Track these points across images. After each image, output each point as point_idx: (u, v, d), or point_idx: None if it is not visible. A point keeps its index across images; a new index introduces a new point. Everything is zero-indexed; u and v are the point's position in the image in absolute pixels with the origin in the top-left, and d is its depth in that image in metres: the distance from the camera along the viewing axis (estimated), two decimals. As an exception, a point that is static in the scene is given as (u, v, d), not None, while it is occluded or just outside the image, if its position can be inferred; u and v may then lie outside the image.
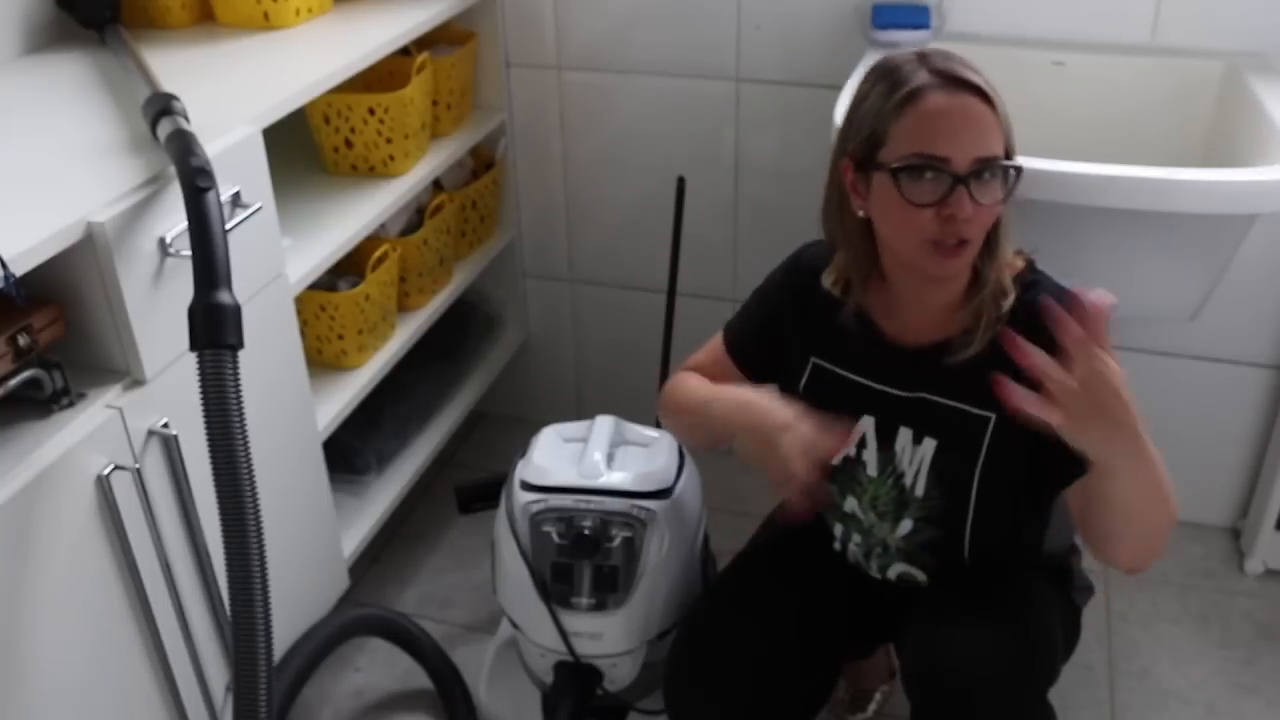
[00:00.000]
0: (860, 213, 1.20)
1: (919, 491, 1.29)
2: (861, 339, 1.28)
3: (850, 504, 1.35)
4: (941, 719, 1.22)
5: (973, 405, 1.23)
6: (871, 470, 1.32)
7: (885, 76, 1.16)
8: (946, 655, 1.20)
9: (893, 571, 1.36)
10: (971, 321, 1.21)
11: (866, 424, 1.30)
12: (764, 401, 1.21)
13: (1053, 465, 1.15)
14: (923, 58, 1.15)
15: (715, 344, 1.43)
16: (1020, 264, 1.23)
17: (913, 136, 1.13)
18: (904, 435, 1.28)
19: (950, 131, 1.11)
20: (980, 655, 1.18)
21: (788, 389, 1.38)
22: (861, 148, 1.17)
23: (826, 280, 1.30)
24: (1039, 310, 1.10)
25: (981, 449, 1.24)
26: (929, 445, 1.27)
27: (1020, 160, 1.15)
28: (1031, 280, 1.22)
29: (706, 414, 1.29)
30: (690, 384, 1.37)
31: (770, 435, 1.16)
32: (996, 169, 1.12)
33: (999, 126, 1.13)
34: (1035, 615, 1.23)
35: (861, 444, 1.31)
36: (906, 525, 1.31)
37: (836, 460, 1.33)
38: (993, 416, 1.23)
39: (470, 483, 1.83)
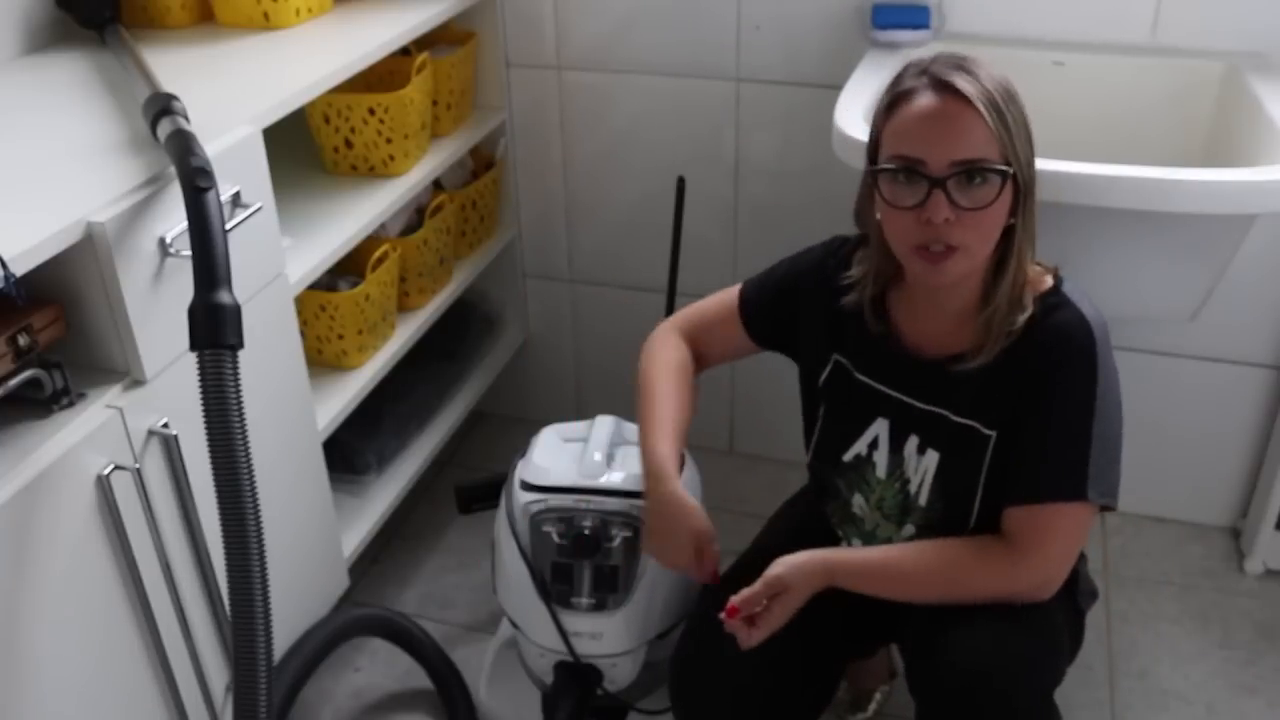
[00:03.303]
0: (878, 214, 1.20)
1: (922, 501, 1.29)
2: (884, 346, 1.29)
3: (858, 501, 1.35)
4: (946, 719, 1.22)
5: (979, 422, 1.24)
6: (880, 472, 1.32)
7: (892, 79, 1.16)
8: (951, 655, 1.20)
9: None
10: (984, 334, 1.20)
11: (880, 426, 1.31)
12: (661, 496, 1.30)
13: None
14: (932, 61, 1.14)
15: (727, 298, 1.42)
16: (1047, 281, 1.22)
17: (895, 139, 1.14)
18: (911, 443, 1.29)
19: (927, 134, 1.11)
20: (985, 656, 1.17)
21: (808, 380, 1.38)
22: (868, 150, 1.19)
23: (855, 267, 1.30)
24: (1053, 331, 1.16)
25: (983, 465, 1.24)
26: (933, 457, 1.28)
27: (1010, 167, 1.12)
28: (1054, 303, 1.20)
29: (639, 423, 1.37)
30: (656, 366, 1.39)
31: (655, 530, 1.32)
32: (981, 172, 1.11)
33: (987, 130, 1.10)
34: (1039, 616, 1.23)
35: (874, 444, 1.32)
36: (909, 530, 1.32)
37: (849, 457, 1.33)
38: (994, 434, 1.23)
39: (470, 483, 1.83)
